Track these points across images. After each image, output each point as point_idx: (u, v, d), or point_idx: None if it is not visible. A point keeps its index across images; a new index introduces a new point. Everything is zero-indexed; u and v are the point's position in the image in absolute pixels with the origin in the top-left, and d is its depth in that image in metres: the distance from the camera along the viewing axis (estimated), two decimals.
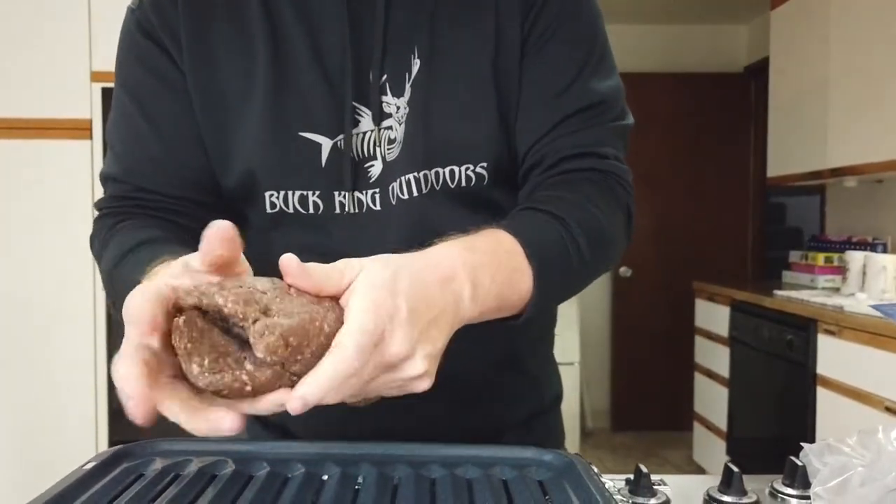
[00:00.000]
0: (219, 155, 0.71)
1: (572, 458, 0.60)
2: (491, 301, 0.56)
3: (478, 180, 0.70)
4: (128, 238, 0.67)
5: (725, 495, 0.63)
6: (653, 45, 4.27)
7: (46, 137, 2.52)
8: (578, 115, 0.70)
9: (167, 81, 0.71)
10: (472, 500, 0.52)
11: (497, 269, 0.56)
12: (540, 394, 0.84)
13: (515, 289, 0.58)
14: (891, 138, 2.53)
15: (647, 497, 0.62)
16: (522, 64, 0.71)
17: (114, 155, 0.73)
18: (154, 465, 0.58)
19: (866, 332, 2.20)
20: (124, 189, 0.72)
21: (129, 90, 0.72)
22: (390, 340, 0.46)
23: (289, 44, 0.69)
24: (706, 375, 3.42)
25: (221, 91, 0.70)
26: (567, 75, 0.71)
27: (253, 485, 0.54)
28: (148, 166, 0.71)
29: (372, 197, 0.70)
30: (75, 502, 0.50)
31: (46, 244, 2.54)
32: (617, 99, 0.74)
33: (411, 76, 0.69)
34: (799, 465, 0.65)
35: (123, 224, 0.70)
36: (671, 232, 4.24)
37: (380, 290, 0.46)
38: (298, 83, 0.69)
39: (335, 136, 0.69)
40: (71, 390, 2.55)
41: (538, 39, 0.71)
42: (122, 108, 0.73)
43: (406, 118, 0.69)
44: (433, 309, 0.50)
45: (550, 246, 0.62)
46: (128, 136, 0.72)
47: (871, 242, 2.95)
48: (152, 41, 0.71)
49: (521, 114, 0.71)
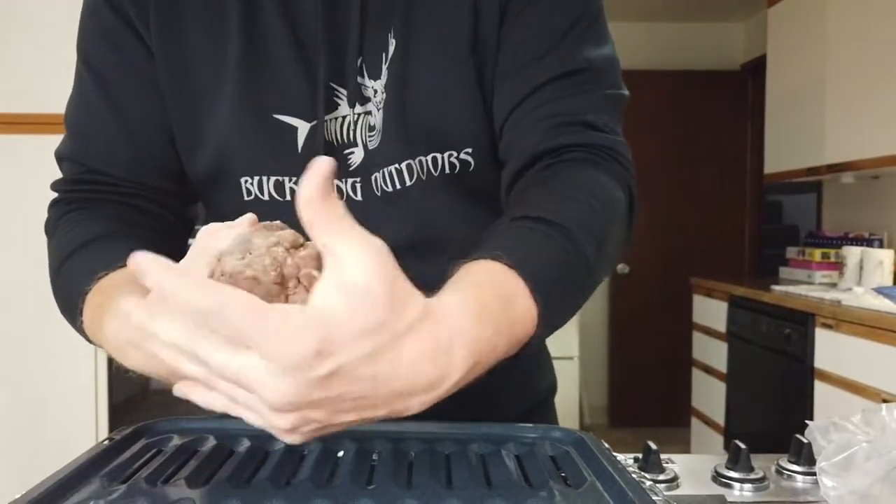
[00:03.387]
0: (188, 138, 0.67)
1: (582, 434, 0.61)
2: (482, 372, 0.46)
3: (463, 167, 0.66)
4: (73, 235, 0.63)
5: (733, 472, 0.65)
6: (650, 43, 4.28)
7: (40, 132, 2.52)
8: (563, 80, 0.63)
9: (131, 58, 0.66)
10: (487, 474, 0.53)
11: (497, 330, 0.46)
12: (532, 387, 0.81)
13: (515, 338, 0.49)
14: (887, 134, 2.54)
15: (657, 473, 0.63)
16: (501, 31, 0.65)
17: (69, 133, 0.69)
18: (173, 441, 0.59)
19: (864, 325, 2.21)
20: (78, 170, 0.68)
21: (90, 66, 0.68)
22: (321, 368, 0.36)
23: (263, 22, 0.65)
24: (704, 371, 3.43)
25: (192, 70, 0.66)
26: (551, 39, 0.64)
27: (270, 460, 0.55)
28: (103, 148, 0.67)
29: (353, 186, 0.67)
30: (96, 475, 0.51)
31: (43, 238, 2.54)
32: (610, 67, 0.66)
33: (388, 57, 0.65)
34: (804, 442, 0.66)
35: (72, 215, 0.66)
36: (668, 229, 4.26)
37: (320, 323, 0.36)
38: (273, 64, 0.65)
39: (312, 120, 0.65)
40: (70, 385, 2.55)
41: (518, 4, 0.65)
42: (81, 83, 0.69)
43: (384, 105, 0.65)
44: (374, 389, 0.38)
45: (555, 272, 0.52)
46: (85, 114, 0.68)
47: (867, 238, 2.97)
48: (118, 14, 0.66)
49: (497, 81, 0.65)
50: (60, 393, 2.57)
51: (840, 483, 0.60)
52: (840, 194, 3.34)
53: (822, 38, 2.93)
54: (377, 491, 0.49)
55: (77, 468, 0.51)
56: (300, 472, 0.53)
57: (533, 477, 0.52)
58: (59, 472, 0.50)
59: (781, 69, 3.29)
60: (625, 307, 4.34)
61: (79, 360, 2.56)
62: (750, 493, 0.64)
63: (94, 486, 0.49)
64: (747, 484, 0.64)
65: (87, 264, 0.57)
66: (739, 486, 0.64)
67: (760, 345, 2.86)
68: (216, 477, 0.52)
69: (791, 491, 0.65)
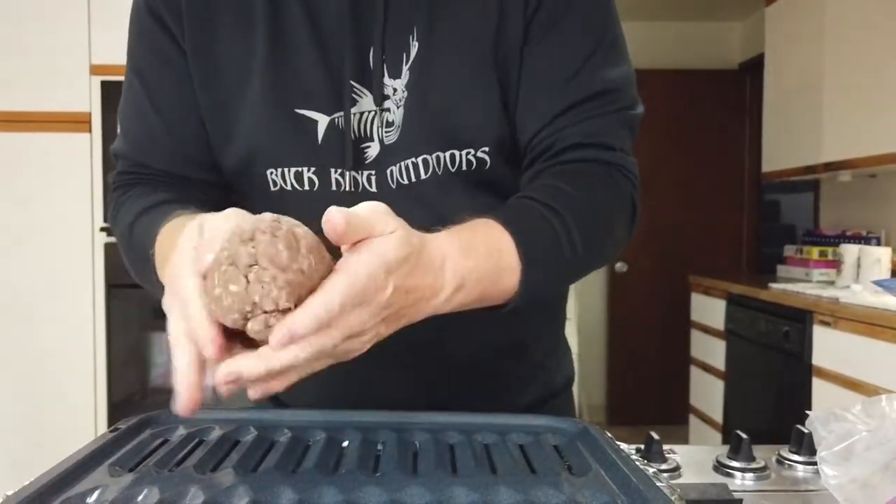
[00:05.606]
0: (219, 133, 0.72)
1: (586, 424, 0.61)
2: (469, 301, 0.57)
3: (479, 164, 0.69)
4: (140, 202, 0.69)
5: (734, 461, 0.65)
6: (648, 42, 4.29)
7: (46, 131, 2.52)
8: (585, 104, 0.69)
9: (169, 60, 0.71)
10: (492, 463, 0.53)
11: (485, 272, 0.57)
12: (548, 379, 0.83)
13: (500, 286, 0.59)
14: (885, 132, 2.55)
15: (659, 463, 0.64)
16: (527, 47, 0.69)
17: (122, 132, 0.76)
18: (178, 431, 0.59)
19: (861, 322, 2.22)
20: (130, 165, 0.75)
21: (135, 68, 0.74)
22: (361, 311, 0.47)
23: (288, 20, 0.69)
24: (702, 369, 3.44)
25: (221, 69, 0.70)
26: (575, 61, 0.69)
27: (276, 450, 0.56)
28: (150, 144, 0.73)
29: (368, 178, 0.70)
30: (103, 464, 0.51)
31: (46, 236, 2.54)
32: (627, 87, 0.72)
33: (409, 58, 0.69)
34: (805, 432, 0.67)
35: (134, 191, 0.73)
36: (667, 227, 4.26)
37: (380, 261, 0.47)
38: (297, 60, 0.69)
39: (332, 114, 0.69)
40: (70, 382, 2.55)
41: (544, 22, 0.69)
42: (129, 86, 0.75)
43: (404, 102, 0.69)
44: (408, 300, 0.51)
45: (543, 243, 0.62)
46: (133, 114, 0.74)
47: (864, 236, 2.98)
48: (155, 19, 0.71)
49: (525, 100, 0.70)
50: (60, 391, 2.56)
51: (841, 472, 0.60)
52: (837, 192, 3.35)
53: (819, 37, 2.94)
54: (383, 478, 0.49)
55: (84, 457, 0.51)
56: (306, 461, 0.53)
57: (538, 465, 0.53)
58: (65, 460, 0.50)
59: (779, 68, 3.30)
60: (623, 305, 4.34)
61: (79, 358, 2.56)
62: (751, 482, 0.64)
63: (101, 474, 0.49)
64: (749, 473, 0.65)
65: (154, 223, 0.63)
66: (741, 475, 0.65)
67: (758, 342, 2.87)
68: (223, 465, 0.52)
69: (792, 480, 0.65)
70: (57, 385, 2.54)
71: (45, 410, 2.53)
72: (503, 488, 0.47)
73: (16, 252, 2.53)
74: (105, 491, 0.46)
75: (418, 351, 0.69)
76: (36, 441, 2.50)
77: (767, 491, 0.63)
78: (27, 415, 2.53)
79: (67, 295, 2.55)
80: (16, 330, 2.53)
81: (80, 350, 2.55)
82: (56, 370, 2.54)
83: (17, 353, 2.53)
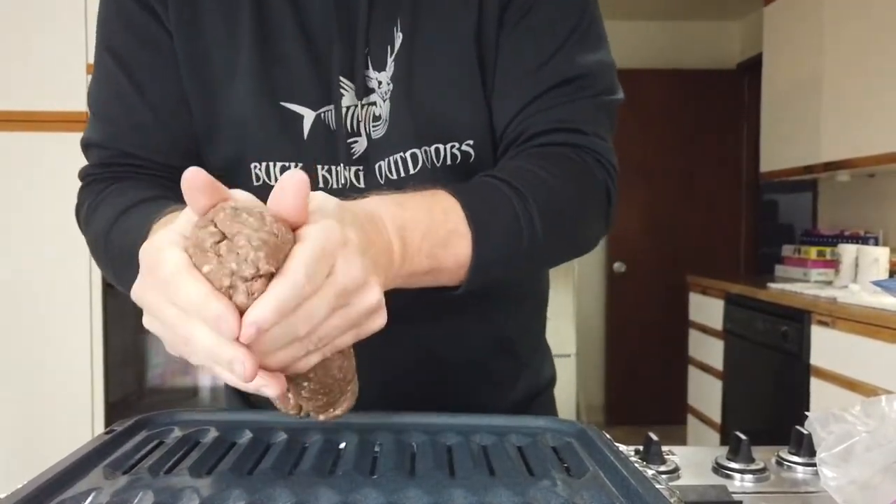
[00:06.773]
0: (205, 124, 0.69)
1: (584, 426, 0.61)
2: (422, 261, 0.54)
3: (464, 158, 0.68)
4: (123, 199, 0.64)
5: (733, 463, 0.65)
6: (646, 42, 4.29)
7: (42, 130, 2.52)
8: (557, 89, 0.67)
9: (154, 43, 0.67)
10: (490, 465, 0.53)
11: (429, 227, 0.54)
12: (531, 377, 0.83)
13: (451, 251, 0.56)
14: (883, 132, 2.55)
15: (658, 464, 0.63)
16: (503, 36, 0.68)
17: (96, 120, 0.70)
18: (174, 433, 0.58)
19: (859, 322, 2.22)
20: (109, 155, 0.69)
21: (113, 52, 0.69)
22: (345, 267, 0.43)
23: (273, 12, 0.67)
24: (700, 368, 3.44)
25: (207, 57, 0.67)
26: (549, 48, 0.67)
27: (272, 451, 0.55)
28: (133, 132, 0.68)
29: (356, 174, 0.68)
30: (99, 465, 0.51)
31: (42, 236, 2.53)
32: (603, 72, 0.69)
33: (393, 50, 0.67)
34: (804, 433, 0.67)
35: (114, 187, 0.67)
36: (665, 227, 4.26)
37: (330, 219, 0.44)
38: (282, 53, 0.67)
39: (318, 108, 0.67)
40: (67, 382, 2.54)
41: (519, 8, 0.68)
42: (105, 71, 0.69)
43: (390, 95, 0.67)
44: (375, 244, 0.48)
45: (497, 213, 0.59)
46: (112, 99, 0.69)
47: (862, 236, 2.98)
48: (137, 1, 0.68)
49: (498, 87, 0.68)
50: (57, 391, 2.56)
51: (840, 473, 0.60)
52: (836, 192, 3.35)
53: (818, 37, 2.94)
54: (380, 480, 0.49)
55: (79, 458, 0.50)
56: (302, 463, 0.53)
57: (535, 467, 0.52)
58: (61, 462, 0.50)
59: (777, 68, 3.30)
60: (621, 305, 4.34)
61: (75, 358, 2.56)
62: (751, 483, 0.64)
63: (97, 476, 0.49)
64: (748, 475, 0.64)
65: (146, 216, 0.57)
66: (740, 476, 0.64)
67: (757, 342, 2.86)
68: (219, 467, 0.51)
69: (791, 482, 0.65)
70: (54, 385, 2.54)
71: (41, 410, 2.53)
72: (501, 490, 0.47)
73: (12, 251, 2.52)
74: (99, 494, 0.45)
75: (408, 349, 0.69)
76: (32, 441, 2.50)
77: (767, 493, 0.63)
78: (24, 415, 2.53)
79: (64, 295, 2.54)
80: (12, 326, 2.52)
81: (77, 350, 2.54)
82: (53, 370, 2.54)
83: (13, 352, 2.53)
